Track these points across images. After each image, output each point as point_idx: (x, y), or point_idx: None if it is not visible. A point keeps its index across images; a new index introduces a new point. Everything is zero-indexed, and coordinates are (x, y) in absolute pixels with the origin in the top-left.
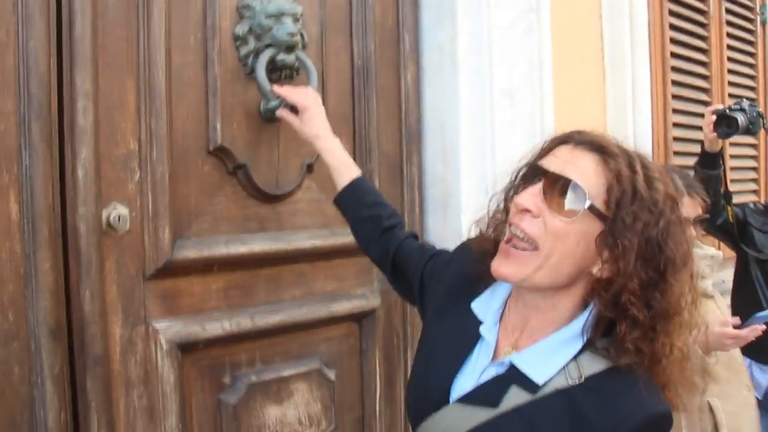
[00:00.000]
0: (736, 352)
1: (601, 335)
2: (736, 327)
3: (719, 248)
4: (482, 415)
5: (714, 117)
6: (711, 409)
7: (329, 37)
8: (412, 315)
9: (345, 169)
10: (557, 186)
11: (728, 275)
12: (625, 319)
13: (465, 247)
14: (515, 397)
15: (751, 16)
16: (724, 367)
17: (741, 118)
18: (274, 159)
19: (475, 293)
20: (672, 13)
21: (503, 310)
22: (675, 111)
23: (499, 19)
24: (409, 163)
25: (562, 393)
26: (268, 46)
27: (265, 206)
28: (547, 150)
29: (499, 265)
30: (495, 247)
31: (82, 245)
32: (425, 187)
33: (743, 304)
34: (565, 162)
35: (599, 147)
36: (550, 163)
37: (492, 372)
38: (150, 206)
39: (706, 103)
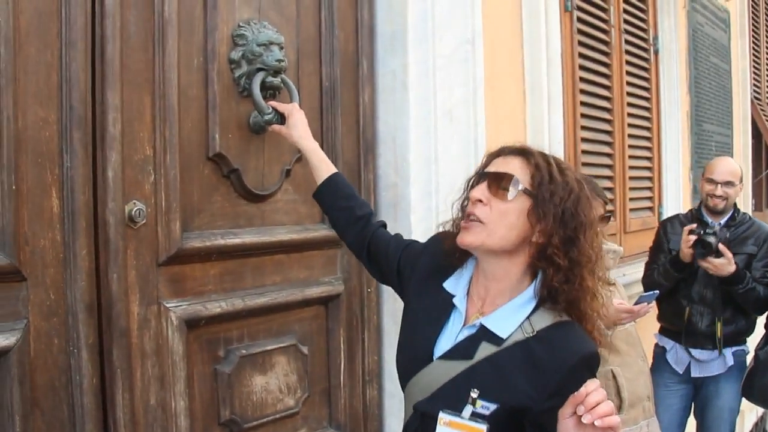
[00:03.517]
0: (633, 329)
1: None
2: None
3: (621, 245)
4: (460, 366)
5: (692, 238)
6: (614, 376)
7: (303, 62)
8: (368, 300)
9: (324, 167)
10: (498, 182)
11: (628, 270)
12: (552, 266)
13: (436, 238)
14: (485, 350)
15: (646, 47)
16: (623, 342)
17: (713, 241)
18: (260, 165)
19: (446, 276)
20: (581, 44)
21: (469, 286)
22: (583, 128)
23: (442, 50)
24: (366, 170)
25: (520, 344)
26: (258, 69)
27: (252, 205)
28: (486, 163)
29: (462, 237)
30: None
31: (110, 235)
32: (379, 191)
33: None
34: (500, 166)
35: (522, 151)
36: (491, 168)
37: (465, 333)
38: (163, 203)
39: (609, 121)
